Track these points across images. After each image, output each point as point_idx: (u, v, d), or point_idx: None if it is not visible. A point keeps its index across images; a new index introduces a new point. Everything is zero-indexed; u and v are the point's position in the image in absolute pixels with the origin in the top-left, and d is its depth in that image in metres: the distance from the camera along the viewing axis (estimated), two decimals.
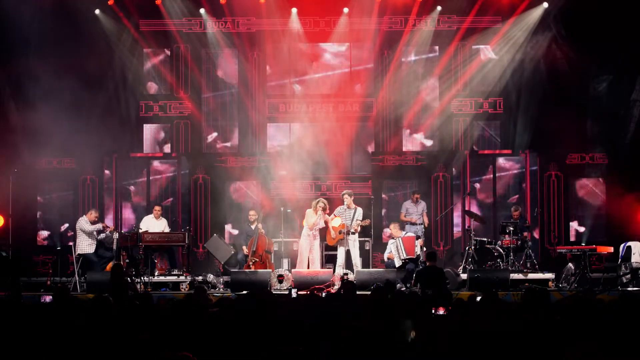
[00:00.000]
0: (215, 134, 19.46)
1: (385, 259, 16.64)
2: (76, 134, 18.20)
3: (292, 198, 18.33)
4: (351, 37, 19.09)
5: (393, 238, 16.53)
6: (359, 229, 15.98)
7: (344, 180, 18.98)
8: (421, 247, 16.14)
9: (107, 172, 18.95)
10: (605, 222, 18.73)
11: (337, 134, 19.21)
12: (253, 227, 16.87)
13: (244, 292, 14.07)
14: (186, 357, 5.26)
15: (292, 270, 15.83)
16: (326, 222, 16.11)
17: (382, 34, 19.09)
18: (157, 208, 17.16)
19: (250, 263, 16.24)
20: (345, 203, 16.22)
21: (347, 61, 19.36)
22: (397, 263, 16.17)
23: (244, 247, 16.70)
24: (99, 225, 16.18)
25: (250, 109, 19.22)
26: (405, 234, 16.45)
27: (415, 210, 17.29)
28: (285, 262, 16.56)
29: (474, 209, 18.66)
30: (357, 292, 10.82)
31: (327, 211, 16.09)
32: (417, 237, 16.43)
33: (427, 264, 14.09)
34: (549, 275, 16.13)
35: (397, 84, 19.16)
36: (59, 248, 17.36)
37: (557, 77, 18.54)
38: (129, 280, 13.58)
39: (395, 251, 16.26)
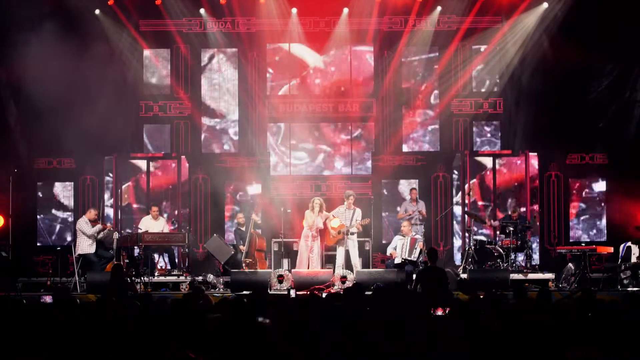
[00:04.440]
0: (214, 134, 19.46)
1: (388, 252, 16.60)
2: (76, 134, 18.20)
3: (292, 198, 18.35)
4: (351, 37, 19.10)
5: (402, 235, 16.47)
6: (360, 228, 15.99)
7: (344, 180, 18.99)
8: (421, 250, 16.05)
9: (107, 172, 18.94)
10: (605, 222, 18.73)
11: (337, 133, 19.25)
12: (244, 228, 16.97)
13: (244, 292, 14.10)
14: (191, 358, 5.24)
15: (292, 270, 15.84)
16: (325, 223, 16.12)
17: (382, 34, 19.09)
18: (154, 209, 17.16)
19: (244, 264, 16.26)
20: (345, 203, 16.21)
21: (347, 61, 19.34)
22: (398, 260, 16.16)
23: (241, 247, 16.82)
24: (98, 227, 16.15)
25: (250, 109, 19.23)
26: (414, 235, 16.40)
27: (415, 210, 17.27)
28: (285, 262, 16.57)
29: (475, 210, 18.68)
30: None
31: (324, 209, 16.10)
32: (417, 240, 16.34)
33: (428, 264, 14.02)
34: (549, 275, 16.14)
35: (397, 84, 19.18)
36: (59, 248, 17.36)
37: (557, 77, 18.53)
38: (129, 281, 13.59)
39: (400, 248, 16.20)
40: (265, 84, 19.35)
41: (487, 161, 19.09)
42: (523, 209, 18.47)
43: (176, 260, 17.25)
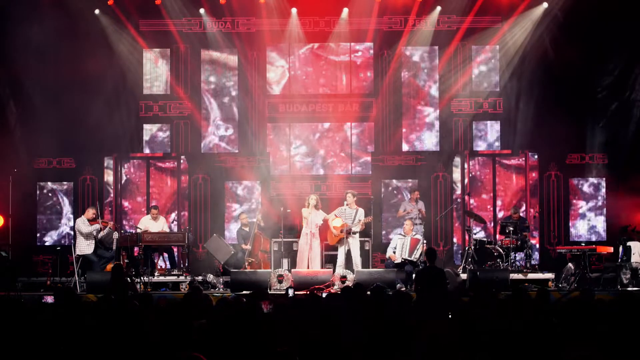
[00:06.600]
0: (214, 134, 19.45)
1: (388, 255, 16.57)
2: (76, 134, 18.23)
3: (292, 198, 18.35)
4: (351, 37, 19.11)
5: (402, 234, 16.46)
6: (364, 226, 16.00)
7: (344, 180, 18.99)
8: (422, 252, 16.03)
9: (107, 172, 18.95)
10: (605, 222, 18.73)
11: (337, 134, 19.26)
12: (247, 229, 16.98)
13: (244, 292, 14.09)
14: (197, 358, 5.23)
15: (292, 270, 15.85)
16: (325, 221, 16.14)
17: (382, 34, 19.09)
18: (153, 211, 17.14)
19: (247, 263, 16.30)
20: (345, 203, 16.21)
21: (347, 61, 19.34)
22: (398, 261, 16.16)
23: (242, 246, 16.84)
24: (97, 226, 16.11)
25: (250, 109, 19.23)
26: (415, 235, 16.39)
27: (414, 209, 17.26)
28: (285, 262, 16.58)
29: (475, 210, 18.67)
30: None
31: (320, 206, 16.15)
32: (419, 241, 16.32)
33: (427, 264, 14.00)
34: (549, 275, 16.14)
35: (397, 84, 19.18)
36: (58, 248, 17.36)
37: (557, 77, 18.53)
38: (129, 281, 13.59)
39: (399, 248, 16.20)
40: (265, 84, 19.34)
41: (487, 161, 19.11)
42: (523, 209, 18.49)
43: (176, 260, 17.26)
